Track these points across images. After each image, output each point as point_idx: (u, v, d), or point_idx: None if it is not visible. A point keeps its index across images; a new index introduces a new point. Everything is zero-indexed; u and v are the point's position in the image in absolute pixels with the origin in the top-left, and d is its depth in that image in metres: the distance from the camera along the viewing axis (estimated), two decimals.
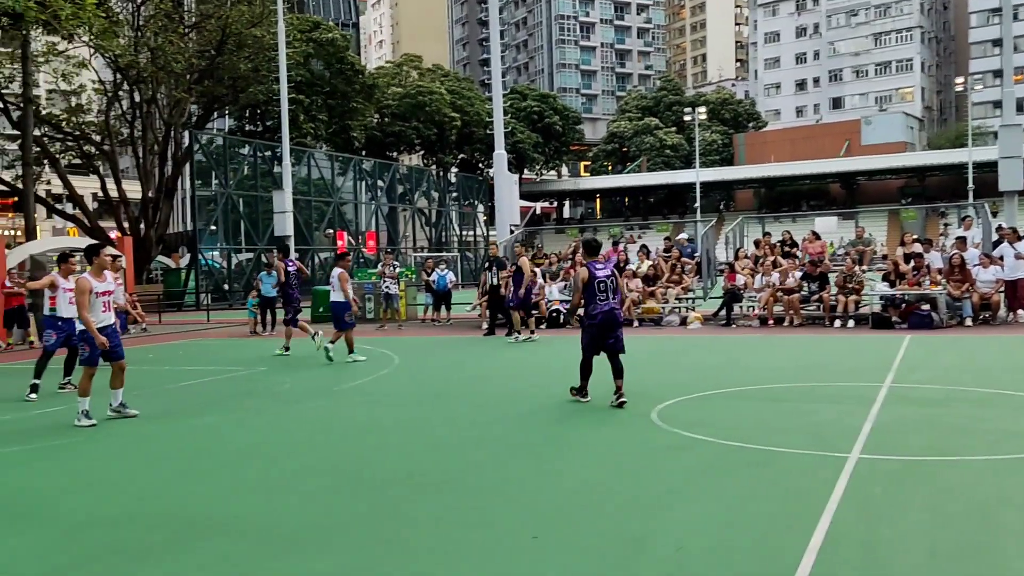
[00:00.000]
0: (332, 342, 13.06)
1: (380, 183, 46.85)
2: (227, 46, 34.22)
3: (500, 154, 20.52)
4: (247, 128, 46.92)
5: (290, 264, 15.73)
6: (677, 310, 18.70)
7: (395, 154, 61.26)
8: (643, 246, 20.90)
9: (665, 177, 69.96)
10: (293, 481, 5.99)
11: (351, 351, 12.91)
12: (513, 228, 21.40)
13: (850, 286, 16.46)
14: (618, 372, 8.36)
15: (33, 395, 10.05)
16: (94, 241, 14.74)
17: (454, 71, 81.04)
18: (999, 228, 17.66)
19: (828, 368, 11.01)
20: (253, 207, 37.33)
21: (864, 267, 18.19)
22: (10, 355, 16.39)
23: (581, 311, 9.01)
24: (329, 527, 4.87)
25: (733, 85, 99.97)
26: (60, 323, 10.16)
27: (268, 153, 38.07)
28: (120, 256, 17.43)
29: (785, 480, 5.59)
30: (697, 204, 59.31)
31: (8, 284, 17.75)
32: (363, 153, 53.04)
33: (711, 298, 19.16)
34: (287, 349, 14.33)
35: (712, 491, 5.39)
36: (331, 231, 42.91)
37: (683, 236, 21.73)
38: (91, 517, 5.28)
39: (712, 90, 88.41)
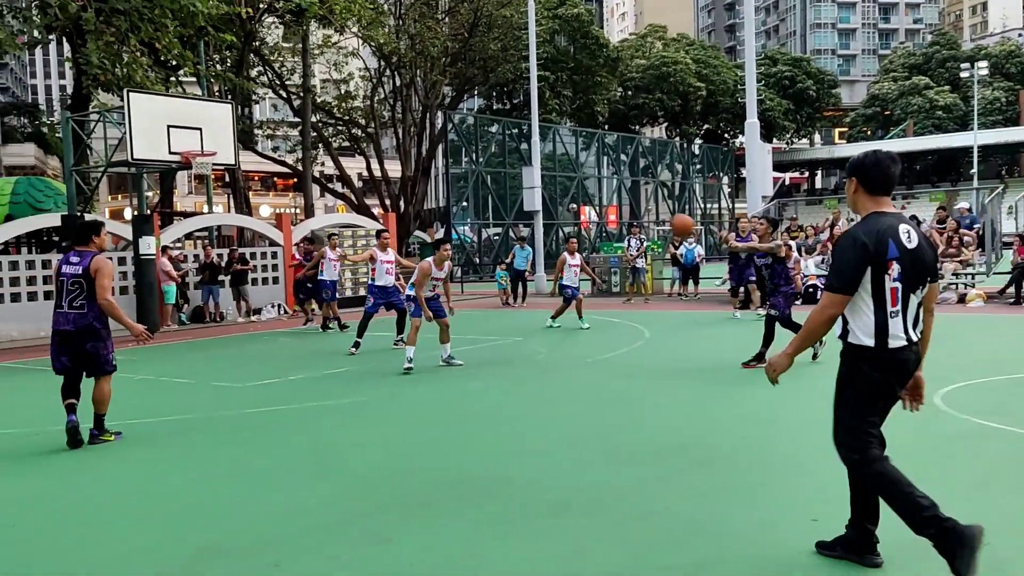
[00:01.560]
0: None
1: (623, 157, 46.74)
2: (478, 28, 35.64)
3: (752, 123, 19.63)
4: (495, 107, 48.69)
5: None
6: (954, 286, 16.96)
7: (638, 127, 60.75)
8: (912, 216, 19.09)
9: (935, 141, 63.40)
10: (562, 448, 6.12)
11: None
12: (764, 199, 20.45)
13: None
14: None
15: (354, 350, 11.87)
16: (362, 220, 16.00)
17: (699, 39, 78.66)
18: None
19: None
20: (500, 183, 38.77)
21: None
22: (293, 322, 18.26)
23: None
24: (599, 494, 4.91)
25: (1020, 35, 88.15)
26: (377, 290, 11.91)
27: (515, 130, 39.30)
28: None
29: None
30: (974, 170, 53.21)
31: (297, 257, 19.79)
32: (606, 127, 53.12)
33: (996, 274, 17.18)
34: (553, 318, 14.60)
35: None
36: (574, 206, 43.54)
37: (963, 205, 19.56)
38: (381, 470, 5.73)
39: (994, 42, 78.54)
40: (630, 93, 58.39)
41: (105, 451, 6.61)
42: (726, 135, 64.12)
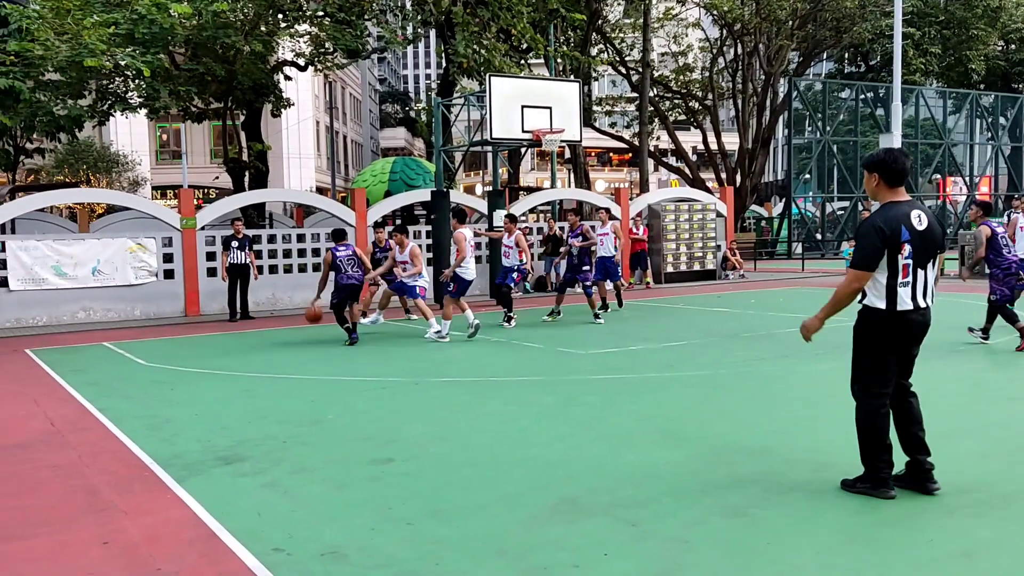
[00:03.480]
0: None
1: (1001, 120, 40.84)
2: None
3: None
4: (846, 71, 45.17)
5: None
6: None
7: (1022, 86, 52.63)
8: None
9: None
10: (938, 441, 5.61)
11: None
12: None
13: None
14: None
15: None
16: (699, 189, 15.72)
17: None
18: None
19: None
20: (849, 153, 36.02)
21: None
22: (631, 294, 18.68)
23: None
24: (985, 492, 4.44)
25: None
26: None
27: (870, 95, 36.17)
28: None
29: None
30: None
31: (633, 230, 20.25)
32: (981, 87, 46.78)
33: None
34: None
35: None
36: (937, 176, 39.08)
37: None
38: (734, 444, 5.71)
39: None
40: (1013, 47, 50.62)
41: (471, 402, 7.38)
42: None
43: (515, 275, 13.12)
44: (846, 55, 44.56)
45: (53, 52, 15.90)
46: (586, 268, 13.17)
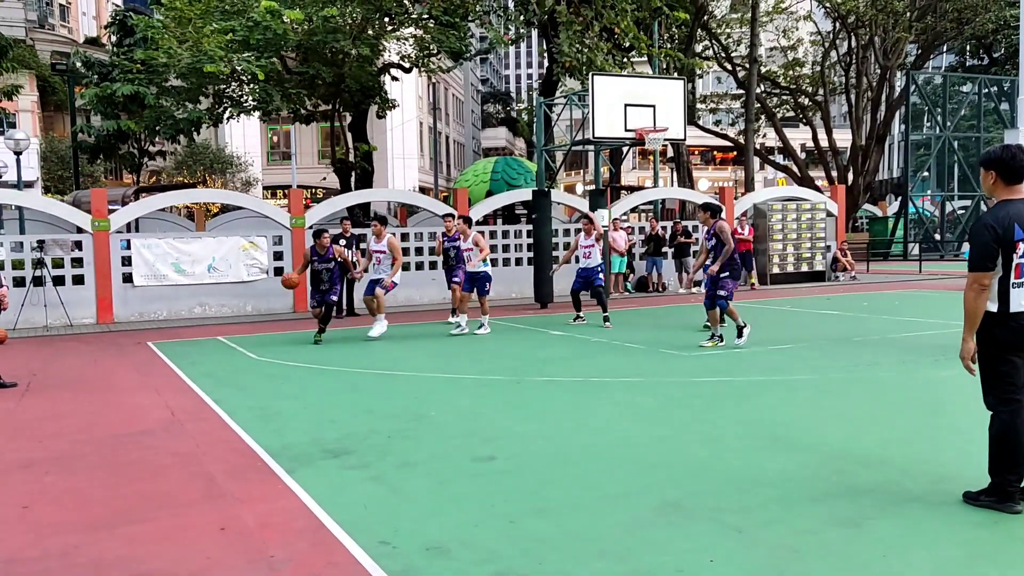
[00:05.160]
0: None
1: None
2: None
3: None
4: (968, 64, 42.80)
5: None
6: None
7: None
8: None
9: None
10: None
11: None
12: None
13: None
14: None
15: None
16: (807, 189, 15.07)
17: None
18: None
19: None
20: (971, 150, 34.11)
21: None
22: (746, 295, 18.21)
23: None
24: None
25: None
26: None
27: (994, 89, 34.16)
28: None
29: None
30: None
31: (738, 230, 19.75)
32: None
33: None
34: None
35: None
36: None
37: None
38: (845, 452, 5.48)
39: None
40: None
41: (573, 402, 7.35)
42: None
43: (599, 275, 12.89)
44: (968, 47, 42.16)
45: (176, 59, 16.77)
46: (724, 275, 10.31)
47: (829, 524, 4.17)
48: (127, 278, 15.20)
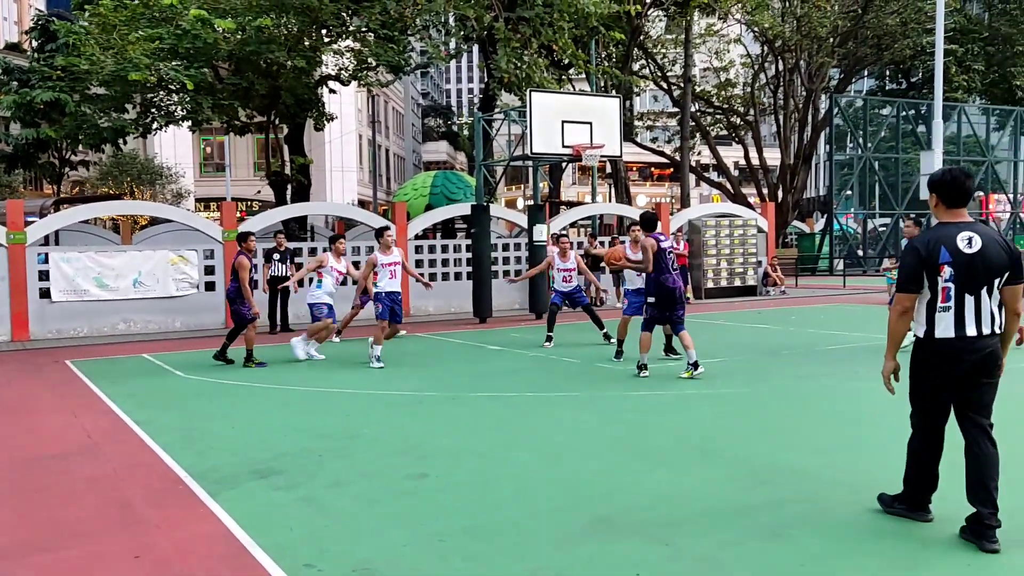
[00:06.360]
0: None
1: None
2: (874, 2, 32.86)
3: None
4: (887, 87, 44.55)
5: None
6: None
7: None
8: None
9: None
10: None
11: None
12: None
13: None
14: None
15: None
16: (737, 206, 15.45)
17: None
18: None
19: None
20: (890, 170, 35.46)
21: None
22: None
23: None
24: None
25: None
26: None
27: (911, 112, 35.61)
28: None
29: None
30: None
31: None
32: None
33: None
34: None
35: None
36: (980, 193, 38.23)
37: None
38: (771, 464, 5.58)
39: None
40: None
41: (508, 418, 7.33)
42: None
43: (582, 292, 12.71)
44: (887, 72, 43.95)
45: (99, 66, 16.29)
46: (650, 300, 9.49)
47: (752, 535, 4.23)
48: (44, 293, 14.63)
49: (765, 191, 36.97)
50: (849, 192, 36.03)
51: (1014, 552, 3.97)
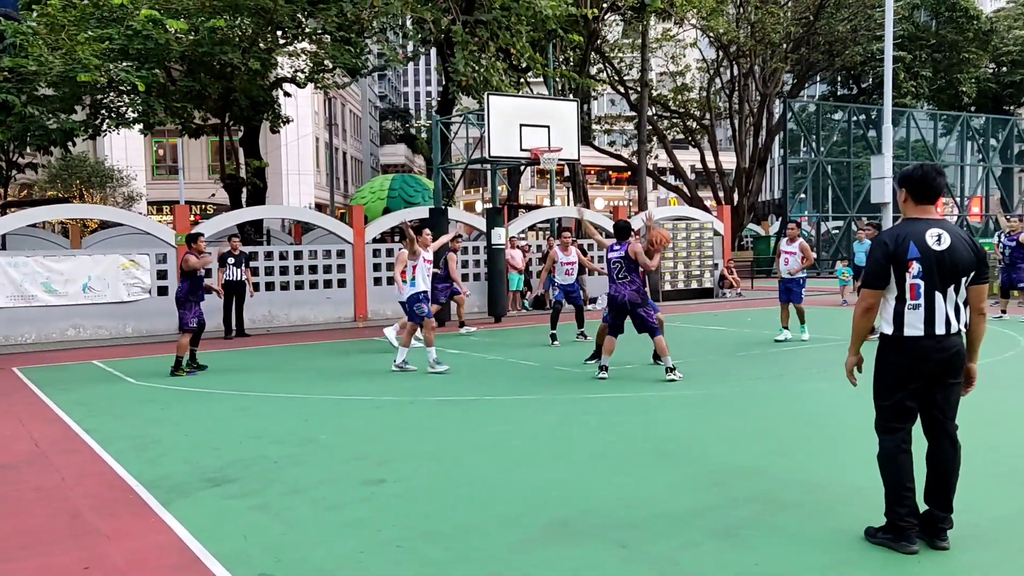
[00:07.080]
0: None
1: (992, 142, 41.04)
2: (825, 9, 33.56)
3: None
4: (839, 93, 45.53)
5: None
6: None
7: (1013, 108, 52.94)
8: None
9: None
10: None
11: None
12: None
13: None
14: None
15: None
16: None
17: None
18: None
19: None
20: (843, 174, 36.19)
21: None
22: None
23: None
24: (976, 515, 4.38)
25: None
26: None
27: (862, 117, 36.41)
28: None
29: None
30: None
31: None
32: (972, 109, 47.10)
33: None
34: None
35: None
36: None
37: None
38: (728, 466, 5.65)
39: None
40: (1004, 70, 50.99)
41: (467, 422, 7.32)
42: None
43: (579, 290, 13.33)
44: (839, 78, 44.94)
45: (46, 67, 15.91)
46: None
47: (708, 536, 4.28)
48: None
49: (721, 194, 37.49)
50: (803, 195, 36.68)
51: (957, 544, 4.07)
